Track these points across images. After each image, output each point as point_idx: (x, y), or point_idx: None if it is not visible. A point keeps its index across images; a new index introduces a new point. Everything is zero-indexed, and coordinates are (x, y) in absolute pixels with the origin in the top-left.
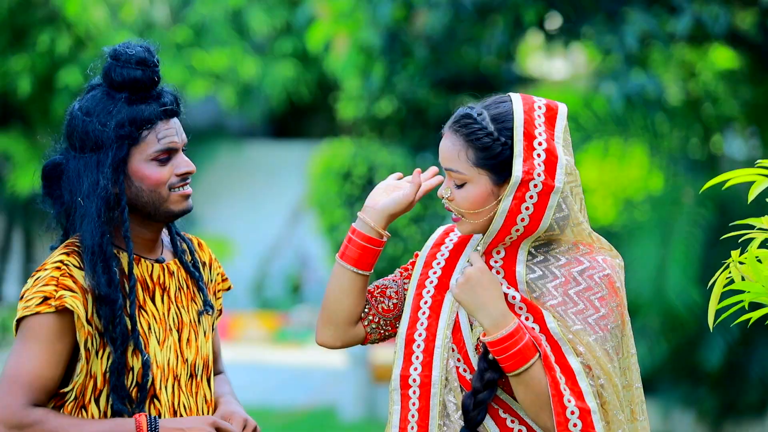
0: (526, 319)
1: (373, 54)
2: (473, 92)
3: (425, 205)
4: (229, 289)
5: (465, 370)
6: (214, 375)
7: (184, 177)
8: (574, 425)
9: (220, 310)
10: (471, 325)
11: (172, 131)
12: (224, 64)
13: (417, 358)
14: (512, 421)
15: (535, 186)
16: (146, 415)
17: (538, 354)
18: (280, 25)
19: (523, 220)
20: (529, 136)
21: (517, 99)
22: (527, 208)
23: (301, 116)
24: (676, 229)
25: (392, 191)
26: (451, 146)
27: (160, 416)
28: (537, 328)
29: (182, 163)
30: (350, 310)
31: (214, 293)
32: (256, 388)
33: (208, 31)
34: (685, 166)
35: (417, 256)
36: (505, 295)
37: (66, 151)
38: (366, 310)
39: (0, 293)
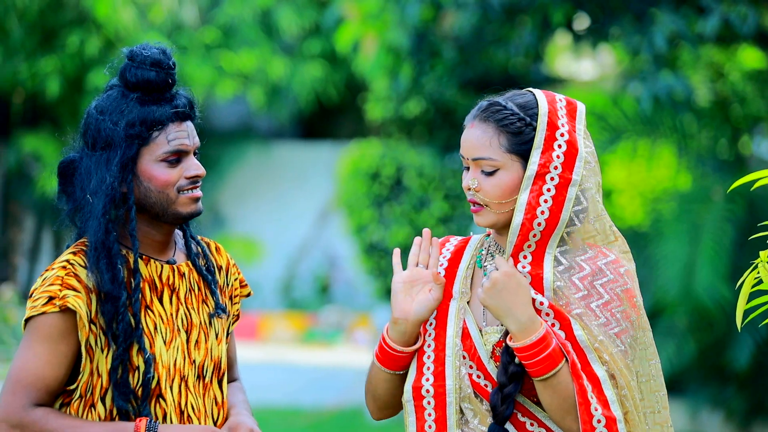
0: (553, 325)
1: (401, 54)
2: (502, 93)
3: (453, 205)
4: (248, 295)
5: (479, 377)
6: (229, 382)
7: (193, 180)
8: (599, 421)
9: (237, 315)
10: (480, 331)
11: (184, 134)
12: (253, 65)
13: (428, 369)
14: (531, 425)
15: (552, 179)
16: (146, 420)
17: (564, 359)
18: (309, 26)
19: (543, 213)
20: (552, 126)
21: (538, 92)
22: (546, 201)
23: (329, 117)
24: (705, 229)
25: (416, 293)
26: (481, 134)
27: (166, 416)
28: (563, 335)
29: (192, 166)
30: (395, 395)
31: (230, 298)
32: (284, 388)
33: (237, 32)
34: (713, 166)
35: None
36: (533, 300)
37: (81, 149)
38: None
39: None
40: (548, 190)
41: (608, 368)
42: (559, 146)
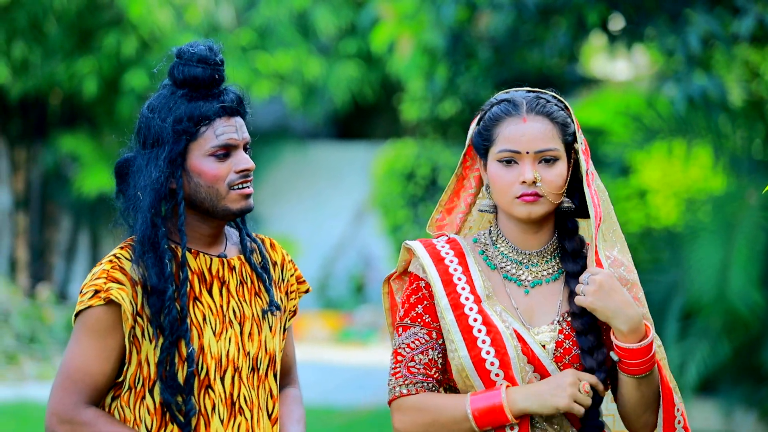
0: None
1: (436, 55)
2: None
3: None
4: (307, 291)
5: (535, 378)
6: (288, 386)
7: (243, 174)
8: (678, 422)
9: (294, 311)
10: (528, 330)
11: (232, 128)
12: (289, 65)
13: (498, 375)
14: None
15: (589, 174)
16: None
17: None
18: (345, 26)
19: (597, 207)
20: (576, 124)
21: (550, 92)
22: (595, 192)
23: (364, 117)
24: (740, 230)
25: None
26: (541, 126)
27: (214, 407)
28: None
29: (242, 160)
30: None
31: (287, 293)
32: (320, 387)
33: (273, 33)
34: (748, 166)
35: (414, 292)
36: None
37: (135, 148)
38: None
39: (66, 293)
40: (594, 184)
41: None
42: (582, 143)
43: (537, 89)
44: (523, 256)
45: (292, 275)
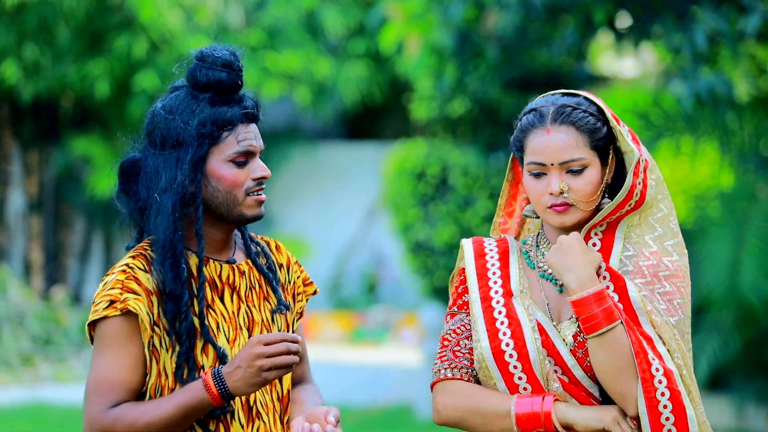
0: (607, 287)
1: (444, 54)
2: (545, 91)
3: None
4: (315, 293)
5: (555, 372)
6: (301, 383)
7: (259, 182)
8: (659, 381)
9: (301, 313)
10: (552, 324)
11: (251, 135)
12: (298, 65)
13: (515, 368)
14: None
15: (639, 162)
16: (210, 370)
17: (620, 319)
18: (353, 26)
19: (636, 195)
20: (615, 119)
21: (586, 94)
22: (640, 183)
23: (374, 117)
24: (751, 225)
25: None
26: (564, 137)
27: (233, 412)
28: (617, 297)
29: (259, 167)
30: None
31: (293, 296)
32: (333, 387)
33: (282, 33)
34: (756, 162)
35: (462, 283)
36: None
37: (145, 149)
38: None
39: (81, 294)
40: (642, 172)
41: (658, 330)
42: (627, 134)
43: (571, 92)
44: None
45: (298, 277)
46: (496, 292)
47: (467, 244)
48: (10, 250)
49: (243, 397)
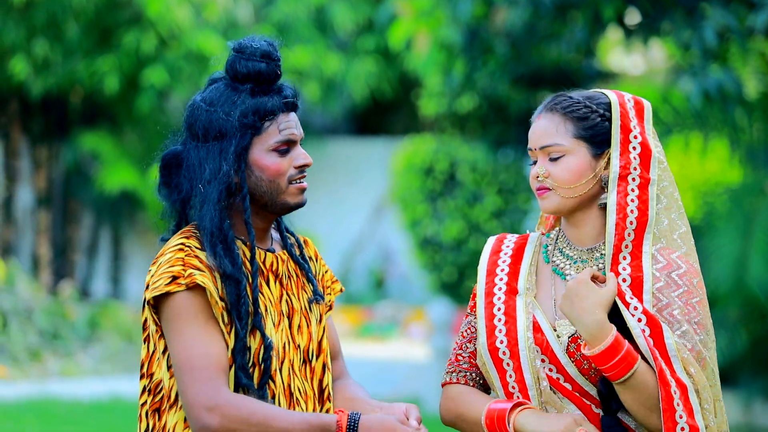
0: (643, 331)
1: (453, 51)
2: (554, 88)
3: (506, 200)
4: (340, 291)
5: (551, 370)
6: (345, 380)
7: (302, 169)
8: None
9: (331, 306)
10: (552, 327)
11: (292, 124)
12: (307, 61)
13: (508, 365)
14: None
15: (633, 180)
16: (347, 414)
17: (639, 359)
18: (363, 22)
19: (632, 212)
20: (625, 129)
21: (610, 92)
22: (633, 201)
23: (383, 113)
24: (758, 221)
25: None
26: (548, 123)
27: (275, 398)
28: (652, 342)
29: (300, 155)
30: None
31: (323, 288)
32: None
33: (291, 29)
34: (765, 159)
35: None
36: (627, 305)
37: (186, 142)
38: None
39: (88, 290)
40: (632, 190)
41: (693, 382)
42: (634, 148)
43: (599, 90)
44: (575, 252)
45: (326, 272)
46: (500, 289)
47: (487, 242)
48: (18, 245)
49: (285, 382)
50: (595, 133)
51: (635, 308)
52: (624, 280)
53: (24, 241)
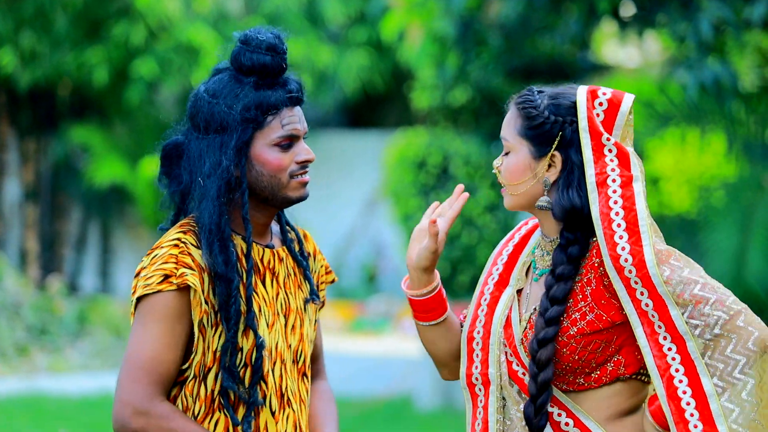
0: (653, 327)
1: (446, 43)
2: (548, 80)
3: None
4: (333, 281)
5: (517, 364)
6: (320, 380)
7: (304, 165)
8: None
9: (323, 303)
10: (519, 319)
11: (296, 119)
12: (299, 53)
13: (477, 356)
14: (559, 415)
15: (614, 181)
16: None
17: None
18: (354, 14)
19: (618, 214)
20: (596, 135)
21: (581, 93)
22: (615, 202)
23: (375, 106)
24: (756, 216)
25: (420, 241)
26: (508, 116)
27: (265, 398)
28: (670, 337)
29: (303, 150)
30: (448, 348)
31: (317, 284)
32: (333, 377)
33: (282, 21)
34: (762, 152)
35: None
36: (633, 291)
37: (188, 132)
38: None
39: (77, 284)
40: (614, 191)
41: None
42: (610, 150)
43: (585, 87)
44: (545, 243)
45: (321, 266)
46: (493, 279)
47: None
48: (5, 239)
49: (277, 383)
50: (538, 134)
51: (641, 293)
52: (629, 272)
53: (11, 235)
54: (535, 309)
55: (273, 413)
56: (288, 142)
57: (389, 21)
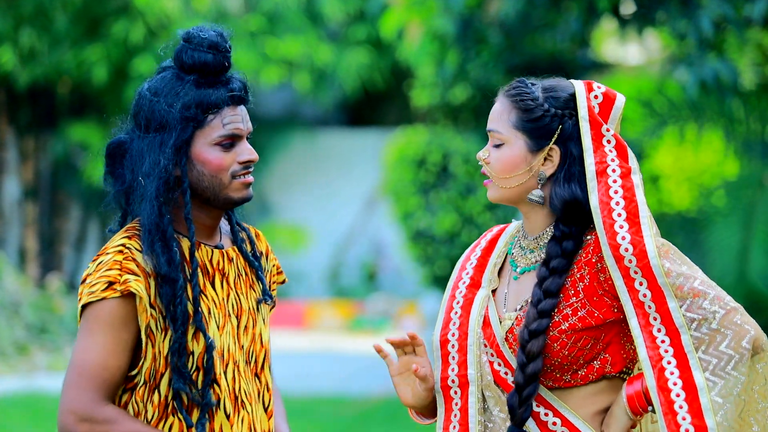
0: (648, 321)
1: (446, 41)
2: (548, 78)
3: None
4: (283, 282)
5: (499, 365)
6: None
7: (246, 165)
8: None
9: (274, 302)
10: (500, 320)
11: (238, 118)
12: (298, 51)
13: (453, 358)
14: (546, 414)
15: (614, 171)
16: None
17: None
18: (354, 12)
19: (618, 203)
20: (596, 124)
21: (579, 86)
22: (616, 192)
23: (375, 104)
24: (758, 214)
25: (406, 384)
26: (499, 107)
27: (220, 401)
28: (664, 329)
29: (245, 150)
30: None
31: (269, 284)
32: (332, 376)
33: (282, 19)
34: (762, 150)
35: None
36: (631, 281)
37: (132, 131)
38: None
39: (76, 282)
40: (614, 181)
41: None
42: (609, 141)
43: (577, 81)
44: (527, 241)
45: (273, 266)
46: (464, 283)
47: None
48: (5, 237)
49: (230, 385)
50: (536, 127)
51: (640, 283)
52: (629, 261)
53: (11, 234)
54: (525, 303)
55: (228, 416)
56: (230, 142)
57: (389, 19)
